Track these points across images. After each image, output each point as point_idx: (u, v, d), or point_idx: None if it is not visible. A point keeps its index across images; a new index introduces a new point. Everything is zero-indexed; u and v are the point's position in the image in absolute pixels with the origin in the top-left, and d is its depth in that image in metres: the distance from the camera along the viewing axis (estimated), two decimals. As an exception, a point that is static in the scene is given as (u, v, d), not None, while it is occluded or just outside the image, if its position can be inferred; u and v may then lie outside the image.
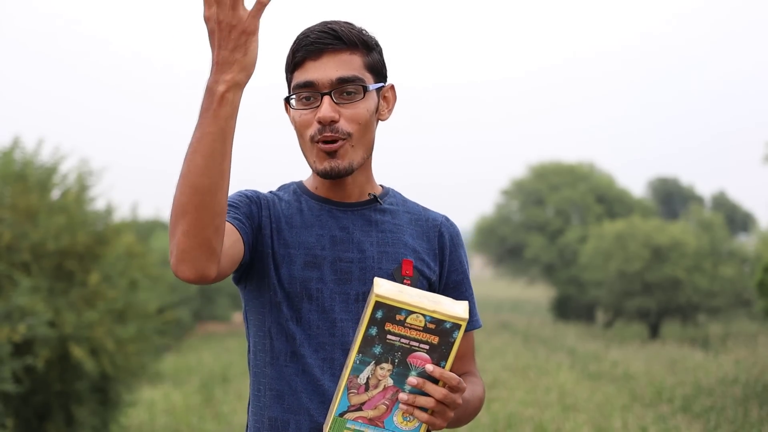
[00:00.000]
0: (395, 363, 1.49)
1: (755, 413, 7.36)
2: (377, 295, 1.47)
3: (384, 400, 1.51)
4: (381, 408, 1.51)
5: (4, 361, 5.35)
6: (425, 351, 1.49)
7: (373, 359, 1.49)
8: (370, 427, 1.52)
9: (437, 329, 1.48)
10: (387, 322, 1.47)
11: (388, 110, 1.75)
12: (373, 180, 1.79)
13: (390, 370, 1.50)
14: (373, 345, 1.48)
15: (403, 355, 1.49)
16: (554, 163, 27.59)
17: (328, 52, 1.65)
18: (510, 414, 7.78)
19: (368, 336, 1.48)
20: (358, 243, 1.72)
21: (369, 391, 1.51)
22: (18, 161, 6.32)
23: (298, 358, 1.68)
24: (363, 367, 1.50)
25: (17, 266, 5.91)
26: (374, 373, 1.50)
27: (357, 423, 1.52)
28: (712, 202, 37.74)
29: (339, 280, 1.70)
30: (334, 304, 1.69)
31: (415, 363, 1.49)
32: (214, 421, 7.91)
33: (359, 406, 1.51)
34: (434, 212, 1.84)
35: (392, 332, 1.48)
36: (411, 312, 1.47)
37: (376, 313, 1.47)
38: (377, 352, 1.49)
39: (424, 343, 1.48)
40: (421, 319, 1.47)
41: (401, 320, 1.47)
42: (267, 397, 1.70)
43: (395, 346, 1.48)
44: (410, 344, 1.48)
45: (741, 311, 19.05)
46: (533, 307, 27.71)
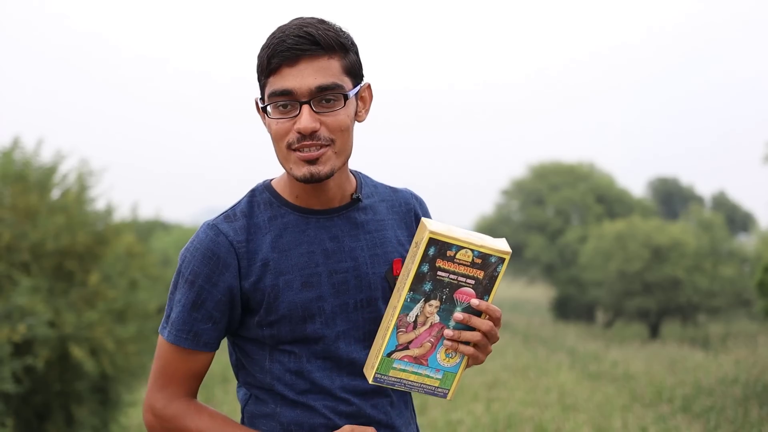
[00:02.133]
0: (443, 299, 1.54)
1: (755, 413, 7.36)
2: (431, 231, 1.50)
3: (430, 337, 1.56)
4: (426, 346, 1.56)
5: (4, 361, 5.35)
6: (471, 286, 1.54)
7: (423, 296, 1.53)
8: (414, 365, 1.57)
9: (483, 264, 1.53)
10: (438, 258, 1.51)
11: (365, 110, 1.71)
12: (349, 175, 1.76)
13: (438, 306, 1.54)
14: (423, 282, 1.53)
15: (451, 290, 1.53)
16: (554, 163, 27.59)
17: (306, 58, 1.59)
18: (510, 414, 7.78)
19: (420, 273, 1.52)
20: (350, 251, 1.70)
21: (417, 329, 1.55)
22: (18, 161, 6.32)
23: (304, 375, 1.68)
24: (413, 305, 1.54)
25: (17, 266, 5.91)
26: (423, 310, 1.54)
27: (403, 362, 1.56)
28: (712, 202, 37.75)
29: (337, 293, 1.68)
30: (336, 317, 1.68)
31: (460, 298, 1.54)
32: (214, 421, 7.90)
33: (406, 344, 1.56)
34: (402, 191, 1.84)
35: (442, 268, 1.52)
36: (461, 247, 1.52)
37: (428, 249, 1.51)
38: (427, 288, 1.53)
39: (471, 278, 1.53)
40: (470, 254, 1.52)
41: (451, 256, 1.52)
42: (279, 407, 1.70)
43: (444, 282, 1.53)
44: (458, 279, 1.53)
45: (741, 311, 19.05)
46: (533, 307, 27.69)
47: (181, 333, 1.67)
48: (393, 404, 1.74)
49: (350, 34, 1.67)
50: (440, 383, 1.60)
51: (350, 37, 1.66)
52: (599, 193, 26.42)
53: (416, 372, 1.58)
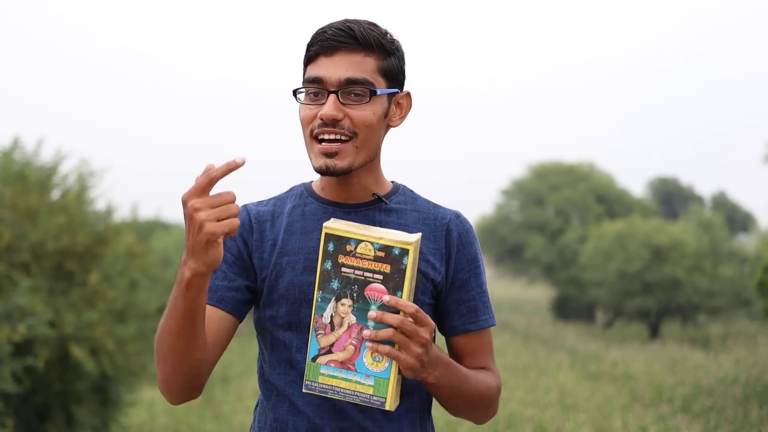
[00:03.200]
0: (354, 297, 1.50)
1: (755, 413, 7.36)
2: (326, 227, 1.50)
3: (351, 339, 1.51)
4: (350, 349, 1.51)
5: (4, 361, 5.36)
6: (380, 282, 1.49)
7: (333, 295, 1.50)
8: (342, 370, 1.52)
9: (387, 257, 1.48)
10: (339, 254, 1.49)
11: (400, 117, 1.72)
12: (383, 179, 1.76)
13: (351, 305, 1.50)
14: (330, 280, 1.50)
15: (360, 288, 1.49)
16: (554, 163, 27.60)
17: (342, 50, 1.63)
18: (510, 414, 7.78)
19: (324, 271, 1.50)
20: None
21: (335, 330, 1.51)
22: (18, 161, 6.32)
23: (294, 365, 1.68)
24: (325, 304, 1.51)
25: (17, 266, 5.91)
26: (336, 310, 1.50)
27: (330, 367, 1.52)
28: (712, 202, 37.77)
29: None
30: None
31: (372, 296, 1.49)
32: (214, 421, 7.91)
33: (329, 348, 1.52)
34: (445, 209, 1.79)
35: (345, 264, 1.49)
36: (360, 241, 1.49)
37: (327, 245, 1.50)
38: (335, 287, 1.50)
39: (378, 273, 1.49)
40: (370, 248, 1.49)
41: (351, 251, 1.49)
42: (272, 401, 1.72)
43: (351, 279, 1.49)
44: (364, 275, 1.49)
45: (741, 311, 19.05)
46: (533, 307, 27.70)
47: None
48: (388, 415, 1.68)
49: (400, 43, 1.70)
50: (374, 390, 1.51)
51: (398, 44, 1.69)
52: (599, 193, 26.43)
53: (346, 378, 1.52)
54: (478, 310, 1.77)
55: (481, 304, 1.78)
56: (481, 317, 1.78)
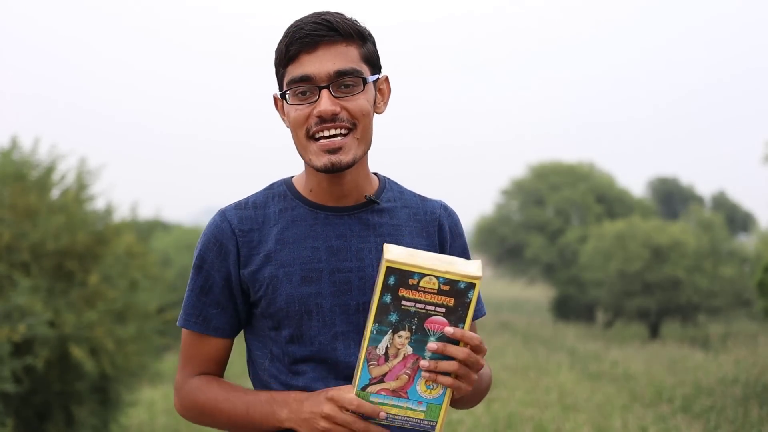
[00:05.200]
0: (413, 330, 1.46)
1: (755, 413, 7.36)
2: (388, 260, 1.44)
3: (405, 369, 1.48)
4: (403, 378, 1.48)
5: (4, 361, 5.35)
6: (442, 314, 1.46)
7: (390, 327, 1.46)
8: (393, 398, 1.49)
9: (452, 290, 1.44)
10: (400, 287, 1.44)
11: (384, 102, 1.71)
12: (370, 174, 1.73)
13: (408, 337, 1.46)
14: (388, 313, 1.45)
15: (420, 320, 1.46)
16: (554, 163, 27.58)
17: (324, 44, 1.60)
18: (510, 414, 7.78)
19: (383, 304, 1.45)
20: (357, 251, 1.66)
21: (389, 361, 1.48)
22: (16, 161, 6.32)
23: (299, 376, 1.66)
24: (381, 337, 1.47)
25: (17, 266, 5.91)
26: (393, 342, 1.47)
27: (380, 396, 1.49)
28: (712, 202, 37.74)
29: (338, 292, 1.64)
30: (335, 317, 1.64)
31: (432, 328, 1.46)
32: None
33: (381, 377, 1.48)
34: (432, 201, 1.78)
35: (406, 297, 1.45)
36: (424, 275, 1.44)
37: (388, 279, 1.44)
38: (393, 320, 1.46)
39: (440, 306, 1.45)
40: (435, 282, 1.44)
41: (414, 284, 1.44)
42: None
43: (411, 312, 1.45)
44: (426, 308, 1.45)
45: (741, 311, 19.03)
46: (533, 307, 27.68)
47: (190, 317, 1.70)
48: None
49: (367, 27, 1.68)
50: (425, 415, 1.51)
51: (367, 29, 1.67)
52: (599, 193, 26.41)
53: (396, 405, 1.50)
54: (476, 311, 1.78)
55: None
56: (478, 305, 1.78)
